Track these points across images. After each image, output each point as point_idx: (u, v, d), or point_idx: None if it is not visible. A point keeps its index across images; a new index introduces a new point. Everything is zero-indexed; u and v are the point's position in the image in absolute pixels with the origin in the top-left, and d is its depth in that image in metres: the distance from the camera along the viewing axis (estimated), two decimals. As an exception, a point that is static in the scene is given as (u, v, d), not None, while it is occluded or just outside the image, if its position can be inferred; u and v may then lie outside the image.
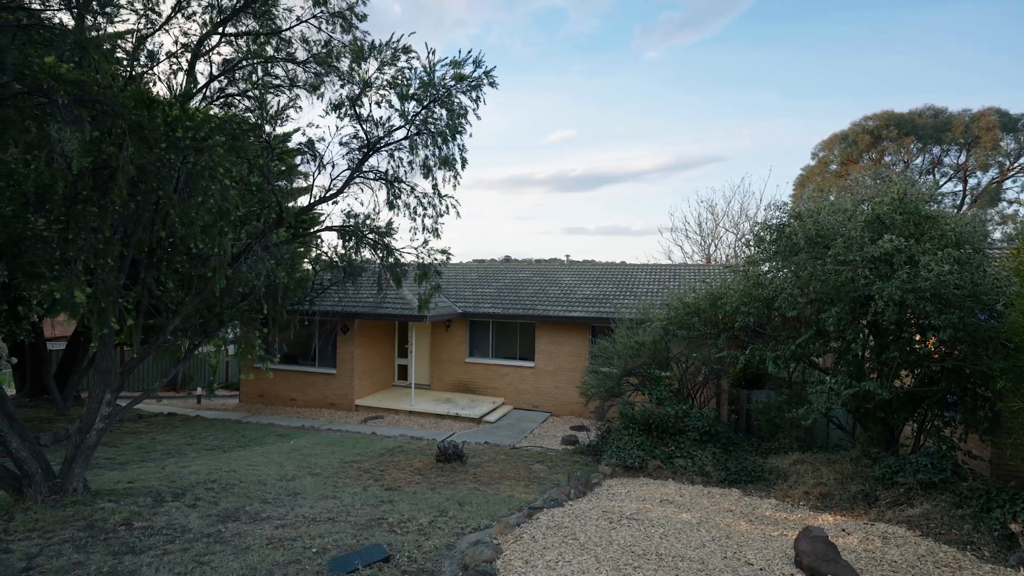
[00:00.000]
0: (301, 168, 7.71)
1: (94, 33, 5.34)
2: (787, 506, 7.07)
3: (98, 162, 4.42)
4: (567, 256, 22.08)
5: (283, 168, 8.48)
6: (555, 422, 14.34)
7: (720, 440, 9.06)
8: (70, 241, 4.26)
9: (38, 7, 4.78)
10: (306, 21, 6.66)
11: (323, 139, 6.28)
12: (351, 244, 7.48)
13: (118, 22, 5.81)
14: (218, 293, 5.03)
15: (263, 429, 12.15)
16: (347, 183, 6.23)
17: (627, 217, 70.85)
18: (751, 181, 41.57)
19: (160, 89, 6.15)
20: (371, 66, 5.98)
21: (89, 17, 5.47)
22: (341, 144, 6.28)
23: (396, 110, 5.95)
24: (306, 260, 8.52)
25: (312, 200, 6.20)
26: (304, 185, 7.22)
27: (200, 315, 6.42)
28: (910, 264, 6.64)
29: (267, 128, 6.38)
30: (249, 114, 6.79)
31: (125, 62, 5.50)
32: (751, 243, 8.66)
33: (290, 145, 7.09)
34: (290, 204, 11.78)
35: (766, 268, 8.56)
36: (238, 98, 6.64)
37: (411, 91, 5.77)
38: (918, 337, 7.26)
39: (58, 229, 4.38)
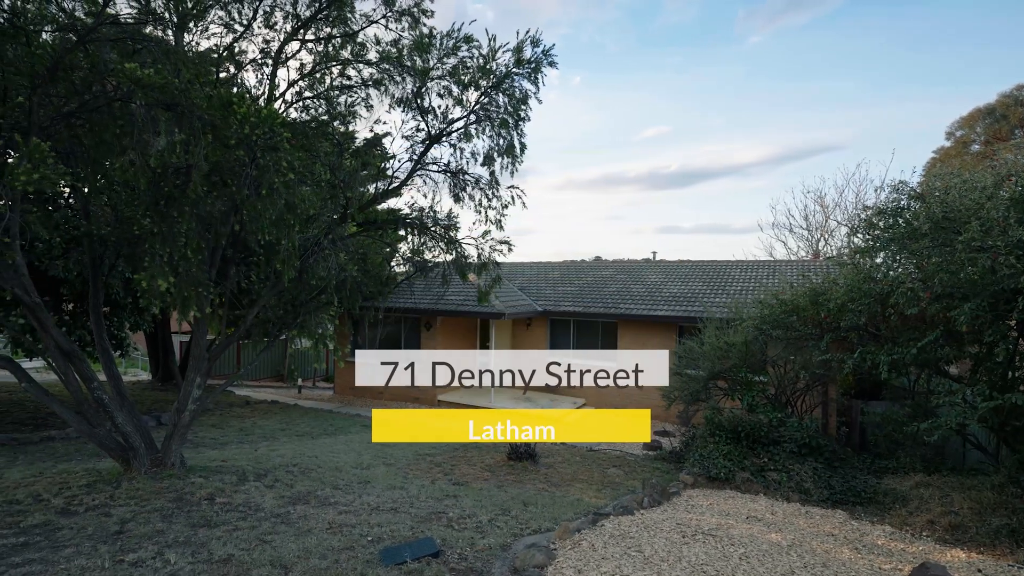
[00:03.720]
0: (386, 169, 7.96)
1: (190, 44, 5.83)
2: (905, 535, 6.05)
3: (182, 161, 4.75)
4: (653, 253, 21.06)
5: (371, 172, 8.82)
6: (638, 426, 13.65)
7: (823, 454, 8.02)
8: (155, 235, 4.64)
9: (135, 21, 5.24)
10: (376, 22, 6.81)
11: (389, 134, 6.42)
12: (421, 240, 7.56)
13: (208, 36, 6.29)
14: (287, 284, 5.28)
15: (351, 419, 12.78)
16: (410, 175, 6.31)
17: (727, 214, 66.45)
18: (868, 168, 36.69)
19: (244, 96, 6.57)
20: (433, 57, 5.99)
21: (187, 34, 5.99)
22: (404, 138, 6.40)
23: (454, 98, 5.90)
24: (383, 258, 8.78)
25: (376, 192, 6.35)
26: (389, 188, 7.39)
27: (282, 307, 6.80)
28: (1074, 250, 5.40)
29: (339, 126, 6.60)
30: (326, 116, 7.07)
31: (213, 68, 5.91)
32: (860, 230, 7.57)
33: (359, 141, 7.30)
34: (379, 207, 12.26)
35: (880, 259, 7.44)
36: (313, 100, 6.95)
37: (468, 79, 5.68)
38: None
39: (148, 224, 4.79)
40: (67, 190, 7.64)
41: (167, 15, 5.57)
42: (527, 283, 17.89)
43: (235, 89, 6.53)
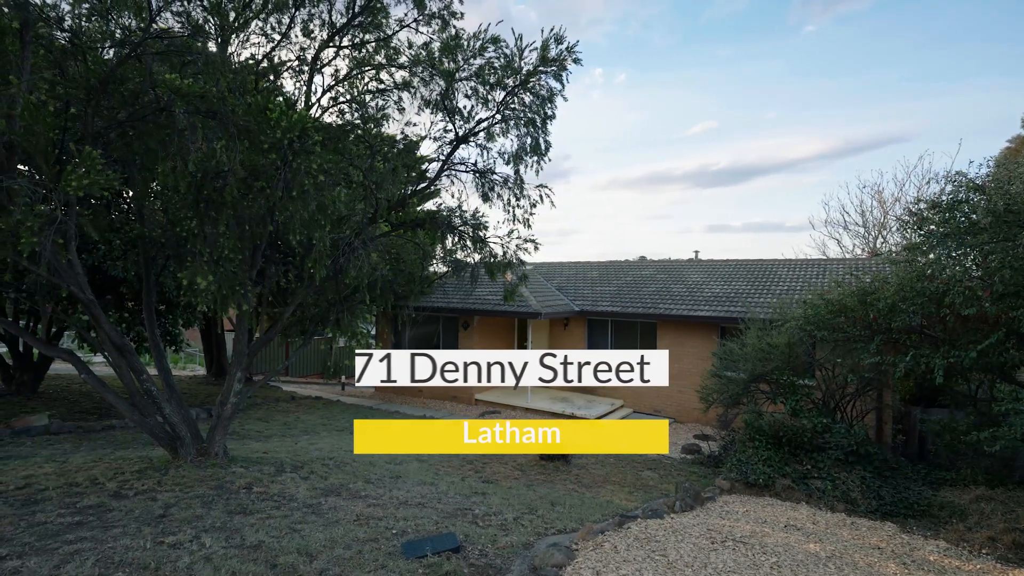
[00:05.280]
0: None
1: (232, 54, 6.13)
2: (962, 552, 5.64)
3: (222, 165, 5.00)
4: (696, 252, 20.53)
5: (414, 174, 9.01)
6: (677, 429, 13.34)
7: (872, 462, 7.58)
8: (196, 236, 4.91)
9: (182, 34, 5.54)
10: (408, 26, 6.95)
11: (426, 137, 6.56)
12: (455, 240, 7.66)
13: (247, 46, 6.59)
14: (319, 282, 5.48)
15: (389, 416, 13.07)
16: (437, 175, 6.40)
17: (780, 212, 64.05)
18: (932, 160, 33.86)
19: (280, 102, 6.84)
20: (460, 59, 6.06)
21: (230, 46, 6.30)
22: (432, 139, 6.51)
23: (480, 99, 5.94)
24: (417, 257, 8.94)
25: (405, 194, 6.48)
26: (417, 188, 7.54)
27: (318, 306, 7.03)
28: None
29: (372, 128, 6.77)
30: (359, 120, 7.27)
31: (253, 77, 6.18)
32: (912, 225, 7.11)
33: (396, 146, 7.44)
34: (425, 208, 12.47)
35: (934, 256, 6.96)
36: (349, 105, 7.15)
37: (495, 79, 5.71)
38: None
39: (189, 226, 5.07)
40: (129, 194, 8.20)
41: (210, 28, 5.87)
42: (565, 283, 17.80)
43: (279, 98, 6.82)
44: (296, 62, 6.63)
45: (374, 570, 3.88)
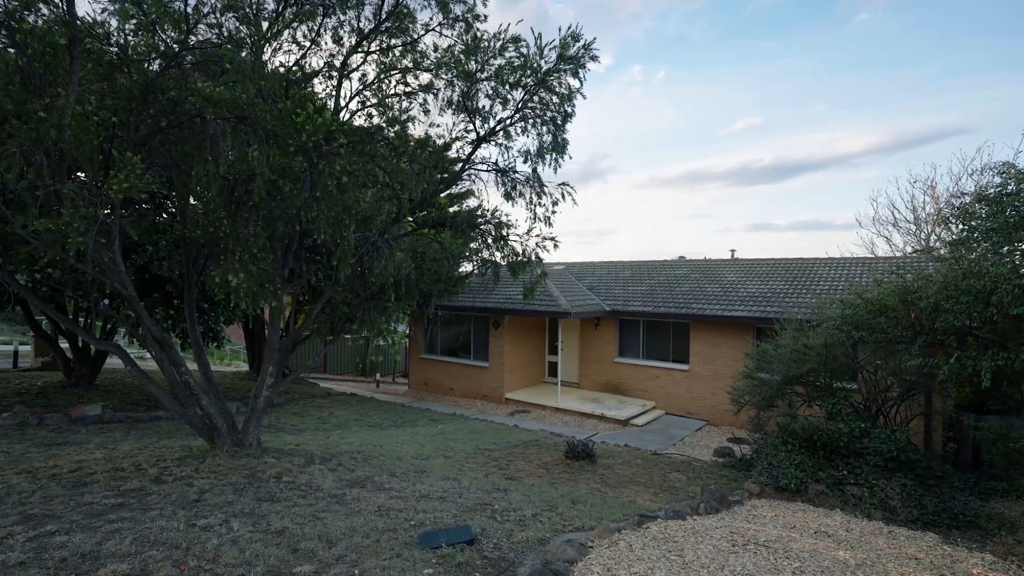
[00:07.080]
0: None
1: (265, 61, 6.41)
2: (1010, 566, 5.30)
3: (251, 168, 5.24)
4: (732, 251, 19.99)
5: (446, 175, 9.19)
6: (711, 431, 13.05)
7: (915, 469, 7.21)
8: (229, 236, 5.17)
9: (217, 43, 5.83)
10: (432, 30, 7.09)
11: (458, 139, 6.70)
12: (482, 240, 7.74)
13: (280, 53, 6.86)
14: (343, 280, 5.66)
15: (420, 413, 13.31)
16: (458, 174, 6.50)
17: (828, 209, 61.53)
18: (992, 152, 31.44)
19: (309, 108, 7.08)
20: (482, 61, 6.14)
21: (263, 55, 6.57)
22: (454, 139, 6.62)
23: (500, 98, 6.01)
24: (443, 256, 9.09)
25: (426, 195, 6.62)
26: (438, 188, 7.67)
27: (346, 304, 7.25)
28: None
29: (398, 129, 6.94)
30: (385, 124, 7.45)
31: (284, 85, 6.44)
32: (956, 219, 6.73)
33: (427, 149, 7.59)
34: (453, 209, 12.65)
35: (980, 252, 6.57)
36: (376, 108, 7.35)
37: (515, 79, 5.76)
38: None
39: (222, 226, 5.34)
40: (173, 196, 8.67)
41: (243, 37, 6.15)
42: (597, 283, 17.67)
43: (311, 105, 7.07)
44: (326, 68, 6.86)
45: (389, 558, 3.99)
